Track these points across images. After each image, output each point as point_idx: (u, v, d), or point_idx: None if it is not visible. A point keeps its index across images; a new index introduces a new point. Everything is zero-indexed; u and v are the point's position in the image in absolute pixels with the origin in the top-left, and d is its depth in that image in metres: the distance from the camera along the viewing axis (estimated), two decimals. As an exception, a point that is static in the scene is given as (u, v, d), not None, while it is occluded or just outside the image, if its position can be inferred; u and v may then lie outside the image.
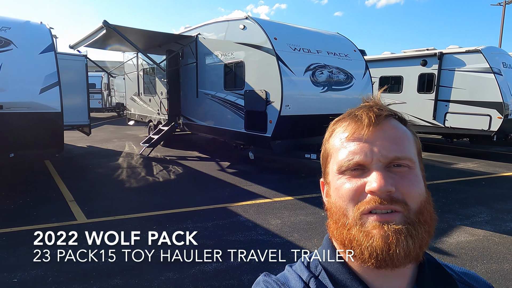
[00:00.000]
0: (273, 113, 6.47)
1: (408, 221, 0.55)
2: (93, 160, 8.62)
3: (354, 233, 0.57)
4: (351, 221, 0.58)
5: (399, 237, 0.54)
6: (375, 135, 0.59)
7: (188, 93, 9.31)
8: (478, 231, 4.44)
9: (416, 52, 10.70)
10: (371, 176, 0.56)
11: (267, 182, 6.61)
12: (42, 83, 5.44)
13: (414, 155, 0.61)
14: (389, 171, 0.57)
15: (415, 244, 0.55)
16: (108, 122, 19.67)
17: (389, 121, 0.61)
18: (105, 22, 7.13)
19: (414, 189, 0.57)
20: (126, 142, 11.60)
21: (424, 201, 0.58)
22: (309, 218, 4.81)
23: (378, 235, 0.54)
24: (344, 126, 0.63)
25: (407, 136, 0.62)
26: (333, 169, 0.62)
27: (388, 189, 0.55)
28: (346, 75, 7.33)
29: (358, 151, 0.58)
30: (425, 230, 0.57)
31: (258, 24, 6.74)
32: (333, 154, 0.63)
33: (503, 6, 23.31)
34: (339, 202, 0.60)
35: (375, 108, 0.61)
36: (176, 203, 5.41)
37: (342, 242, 0.59)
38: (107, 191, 6.06)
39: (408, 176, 0.58)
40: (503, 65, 9.09)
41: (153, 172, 7.48)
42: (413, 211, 0.56)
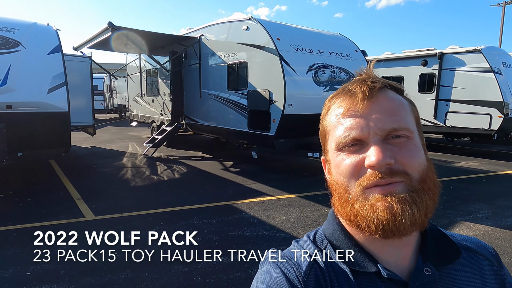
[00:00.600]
0: (276, 112, 6.56)
1: (411, 189, 0.56)
2: (97, 160, 8.71)
3: (358, 207, 0.57)
4: (354, 196, 0.58)
5: (404, 206, 0.54)
6: (370, 109, 0.58)
7: (191, 94, 9.41)
8: (479, 226, 4.52)
9: (417, 53, 10.80)
10: (370, 151, 0.57)
11: (270, 181, 6.69)
12: (50, 83, 5.54)
13: (412, 124, 0.61)
14: (387, 143, 0.57)
15: (420, 212, 0.55)
16: (110, 123, 19.77)
17: (384, 93, 0.61)
18: (110, 23, 7.23)
19: (414, 159, 0.57)
20: (129, 143, 11.70)
21: (426, 169, 0.59)
22: (313, 214, 4.89)
23: (382, 207, 0.55)
24: (339, 102, 0.63)
25: (403, 106, 0.61)
26: (332, 146, 0.62)
27: (387, 161, 0.55)
28: (347, 75, 7.42)
29: (354, 126, 0.58)
30: (429, 197, 0.57)
31: (261, 25, 6.85)
32: (330, 131, 0.63)
33: (503, 7, 23.43)
34: (340, 178, 0.60)
35: (368, 81, 0.61)
36: (181, 201, 5.49)
37: (348, 217, 0.60)
38: (113, 190, 6.14)
39: (406, 146, 0.58)
40: (503, 64, 9.18)
41: (158, 171, 7.57)
42: (415, 179, 0.57)
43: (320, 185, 6.38)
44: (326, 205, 5.24)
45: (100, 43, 8.67)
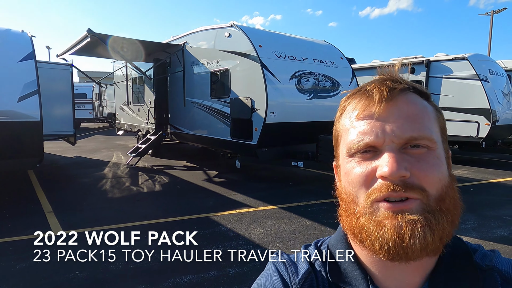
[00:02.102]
0: (258, 120, 6.39)
1: (428, 209, 0.49)
2: (78, 170, 8.46)
3: (364, 222, 0.52)
4: (361, 208, 0.52)
5: (415, 227, 0.48)
6: (387, 112, 0.52)
7: (175, 102, 9.23)
8: (465, 238, 4.29)
9: (404, 60, 10.74)
10: (383, 159, 0.51)
11: (253, 191, 6.49)
12: (21, 91, 5.33)
13: (436, 133, 0.54)
14: (405, 153, 0.51)
15: (434, 236, 0.48)
16: (99, 132, 19.50)
17: (405, 96, 0.54)
18: (89, 30, 7.08)
19: (433, 173, 0.51)
20: (115, 152, 11.45)
21: (446, 186, 0.52)
22: (293, 227, 4.69)
23: (390, 225, 0.49)
24: (354, 103, 0.57)
25: (427, 112, 0.55)
26: (343, 151, 0.57)
27: (401, 173, 0.49)
28: (332, 83, 7.30)
29: (369, 131, 0.52)
30: (447, 220, 0.50)
31: (242, 32, 6.72)
32: (342, 134, 0.58)
33: (491, 16, 23.74)
34: (349, 188, 0.55)
35: (389, 82, 0.55)
36: (158, 214, 5.27)
37: (352, 231, 0.55)
38: (89, 202, 5.90)
39: (426, 158, 0.51)
40: (489, 72, 9.15)
41: (138, 182, 7.34)
42: (433, 197, 0.50)
43: (303, 195, 6.20)
44: (307, 217, 5.04)
45: (83, 49, 8.52)
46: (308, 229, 4.63)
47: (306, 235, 4.42)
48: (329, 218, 5.04)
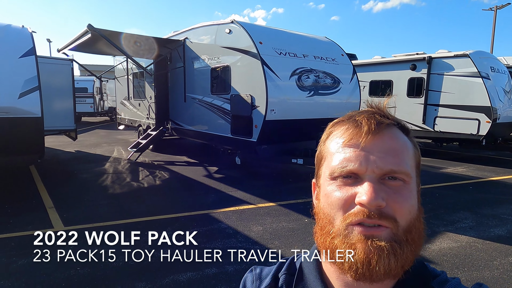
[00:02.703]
0: (258, 117, 6.40)
1: (395, 238, 0.53)
2: (79, 166, 8.49)
3: (337, 243, 0.55)
4: (336, 230, 0.56)
5: (381, 254, 0.52)
6: (372, 144, 0.56)
7: (176, 98, 9.24)
8: (462, 237, 4.39)
9: (406, 57, 10.72)
10: (363, 187, 0.54)
11: (252, 188, 6.52)
12: (21, 87, 5.34)
13: (412, 168, 0.58)
14: (383, 183, 0.55)
15: (397, 263, 0.52)
16: (99, 126, 19.52)
17: (390, 131, 0.58)
18: (89, 26, 7.06)
19: (405, 206, 0.55)
20: (115, 147, 11.48)
21: (414, 219, 0.56)
22: (292, 224, 4.73)
23: (361, 249, 0.53)
24: (342, 130, 0.60)
25: (407, 148, 0.59)
26: (326, 173, 0.60)
27: (378, 203, 0.52)
28: (333, 80, 7.29)
29: (353, 159, 0.56)
30: (410, 250, 0.54)
31: (243, 28, 6.70)
32: (327, 157, 0.61)
33: (495, 11, 23.52)
34: (327, 209, 0.58)
35: (377, 115, 0.59)
36: (158, 210, 5.31)
37: (325, 250, 0.58)
38: (90, 197, 5.94)
39: (401, 191, 0.55)
40: (491, 69, 9.11)
41: (139, 178, 7.38)
42: (401, 228, 0.54)
43: (302, 192, 6.23)
44: (305, 215, 5.07)
45: (83, 45, 8.49)
46: (307, 226, 4.66)
47: (305, 232, 4.45)
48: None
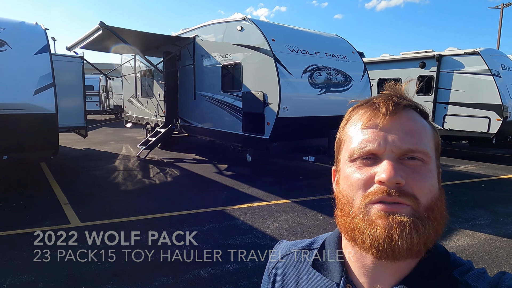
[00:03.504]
0: (271, 115, 6.40)
1: (417, 215, 0.53)
2: (89, 163, 8.53)
3: (357, 222, 0.55)
4: (356, 209, 0.56)
5: (403, 229, 0.51)
6: (391, 125, 0.57)
7: (185, 95, 9.25)
8: (479, 234, 4.37)
9: (415, 54, 10.68)
10: (381, 166, 0.55)
11: (264, 185, 6.53)
12: (37, 84, 5.36)
13: (431, 149, 0.58)
14: (402, 163, 0.55)
15: (420, 239, 0.52)
16: (106, 124, 19.57)
17: (408, 112, 0.59)
18: (101, 23, 7.07)
19: (425, 184, 0.55)
20: (123, 145, 11.52)
21: (435, 198, 0.56)
22: (307, 221, 4.73)
23: (381, 225, 0.52)
24: (360, 113, 0.61)
25: (425, 130, 0.59)
26: (345, 156, 0.61)
27: (398, 180, 0.53)
28: (344, 77, 7.27)
29: (372, 139, 0.57)
30: (433, 227, 0.54)
31: (255, 25, 6.69)
32: (346, 141, 0.62)
33: (501, 9, 23.36)
34: (347, 190, 0.59)
35: (395, 97, 0.59)
36: (173, 206, 5.32)
37: (346, 231, 0.58)
38: (103, 194, 5.96)
39: (420, 170, 0.55)
40: (501, 67, 9.06)
41: (150, 175, 7.40)
42: (422, 206, 0.54)
43: (315, 190, 6.23)
44: (320, 212, 5.07)
45: (93, 43, 8.51)
46: (322, 223, 4.66)
47: (321, 229, 4.45)
48: (342, 212, 5.07)
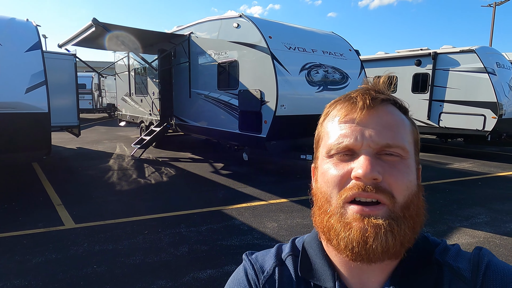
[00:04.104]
0: (268, 113, 6.33)
1: (392, 215, 0.52)
2: (82, 162, 8.38)
3: (333, 222, 0.54)
4: (333, 208, 0.55)
5: (378, 231, 0.50)
6: (368, 119, 0.55)
7: (180, 93, 9.13)
8: (479, 232, 4.36)
9: (410, 52, 10.68)
10: (358, 162, 0.53)
11: (262, 184, 6.47)
12: (28, 82, 5.22)
13: (409, 144, 0.57)
14: (379, 158, 0.54)
15: (396, 241, 0.51)
16: (99, 123, 19.33)
17: (386, 106, 0.58)
18: (94, 20, 6.93)
19: (403, 181, 0.54)
20: (117, 144, 11.36)
21: (412, 195, 0.55)
22: (306, 221, 4.68)
23: (356, 227, 0.52)
24: (338, 108, 0.60)
25: (404, 124, 0.58)
26: (323, 152, 0.60)
27: (374, 175, 0.51)
28: (341, 75, 7.23)
29: (349, 134, 0.55)
30: (409, 226, 0.53)
31: (252, 23, 6.60)
32: (324, 137, 0.60)
33: (493, 8, 23.54)
34: (324, 187, 0.57)
35: (372, 91, 0.58)
36: (169, 206, 5.23)
37: (322, 229, 0.58)
38: (97, 194, 5.85)
39: (398, 166, 0.54)
40: (497, 65, 9.09)
41: (145, 174, 7.29)
42: (399, 204, 0.53)
43: (313, 188, 6.17)
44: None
45: (86, 40, 8.34)
46: (321, 223, 4.61)
47: (321, 229, 4.40)
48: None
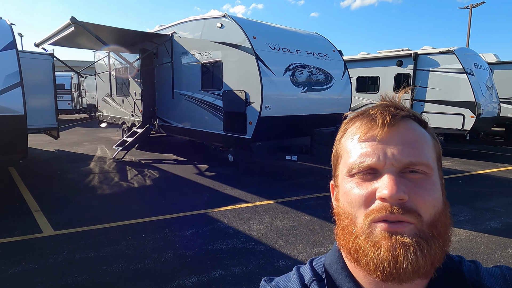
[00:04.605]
0: (253, 114, 6.28)
1: (420, 234, 0.50)
2: (62, 165, 8.12)
3: (361, 242, 0.53)
4: (359, 229, 0.53)
5: (408, 250, 0.49)
6: (389, 137, 0.54)
7: (163, 94, 8.98)
8: (460, 231, 4.45)
9: (392, 53, 10.85)
10: (383, 181, 0.52)
11: (247, 186, 6.42)
12: (2, 83, 5.00)
13: (433, 160, 0.55)
14: (403, 177, 0.52)
15: (426, 260, 0.49)
16: (79, 124, 18.83)
17: (406, 122, 0.56)
18: (72, 18, 6.71)
19: (429, 199, 0.52)
20: (98, 145, 11.08)
21: (439, 213, 0.53)
22: (292, 222, 4.66)
23: (385, 246, 0.50)
24: (357, 125, 0.58)
25: (425, 140, 0.57)
26: (343, 171, 0.58)
27: (400, 196, 0.50)
28: (325, 75, 7.25)
29: (371, 153, 0.54)
30: (438, 245, 0.51)
31: (236, 23, 6.54)
32: (343, 155, 0.59)
33: (470, 9, 24.27)
34: (347, 207, 0.56)
35: (392, 108, 0.57)
36: (153, 210, 5.12)
37: (348, 251, 0.56)
38: (78, 199, 5.66)
39: (423, 184, 0.53)
40: (474, 65, 9.35)
41: (128, 177, 7.12)
42: (426, 223, 0.51)
43: (298, 189, 6.18)
44: (305, 212, 5.02)
45: (64, 39, 8.09)
46: (308, 224, 4.61)
47: (307, 230, 4.39)
48: (327, 212, 5.02)
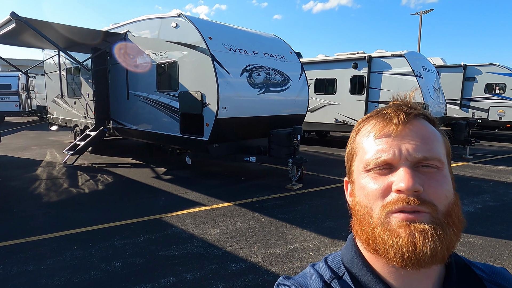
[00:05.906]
0: (209, 115, 6.19)
1: (436, 221, 0.54)
2: (5, 172, 7.52)
3: (379, 232, 0.55)
4: (376, 219, 0.56)
5: (426, 236, 0.52)
6: (404, 134, 0.57)
7: (117, 95, 8.61)
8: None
9: (348, 55, 11.21)
10: (399, 175, 0.55)
11: (205, 188, 6.32)
12: None
13: (443, 155, 0.59)
14: (417, 170, 0.56)
15: (442, 245, 0.53)
16: (28, 127, 17.63)
17: (419, 121, 0.60)
18: (13, 14, 6.23)
19: (442, 190, 0.56)
20: (48, 150, 10.42)
21: (452, 203, 0.57)
22: (249, 224, 4.63)
23: (404, 234, 0.53)
24: (372, 124, 0.62)
25: (436, 137, 0.60)
26: (359, 167, 0.61)
27: (416, 188, 0.53)
28: (283, 77, 7.32)
29: (387, 149, 0.57)
30: (453, 232, 0.55)
31: (191, 23, 6.41)
32: (359, 152, 0.62)
33: (420, 16, 25.79)
34: (364, 201, 0.59)
35: (405, 107, 0.61)
36: (103, 217, 4.87)
37: (367, 241, 0.58)
38: (21, 208, 5.27)
39: (436, 177, 0.56)
40: (423, 68, 9.90)
41: (78, 183, 6.74)
42: (441, 212, 0.54)
43: (257, 191, 6.17)
44: (262, 213, 5.02)
45: (5, 36, 7.51)
46: (264, 225, 4.60)
47: (263, 232, 4.39)
48: (283, 213, 5.07)
